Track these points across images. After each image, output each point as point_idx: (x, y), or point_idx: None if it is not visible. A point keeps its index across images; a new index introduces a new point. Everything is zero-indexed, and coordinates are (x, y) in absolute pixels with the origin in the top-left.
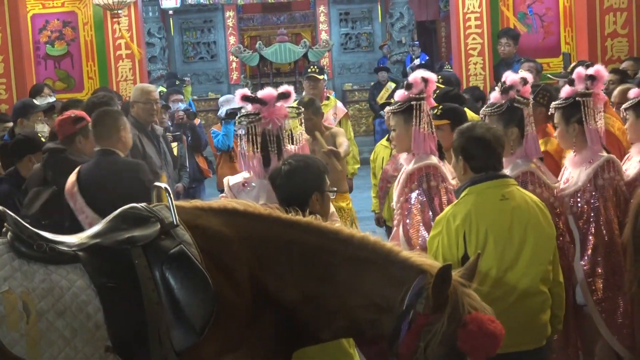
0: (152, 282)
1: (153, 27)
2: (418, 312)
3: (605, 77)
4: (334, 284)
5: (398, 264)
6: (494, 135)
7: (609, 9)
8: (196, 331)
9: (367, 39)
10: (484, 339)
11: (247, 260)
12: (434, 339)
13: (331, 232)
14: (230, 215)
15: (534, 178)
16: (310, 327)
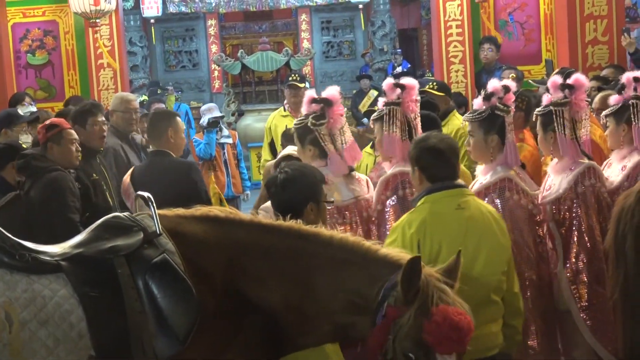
0: (135, 291)
1: (135, 35)
2: (389, 304)
3: (585, 85)
4: (315, 287)
5: (377, 262)
6: (448, 145)
7: (589, 16)
8: (179, 340)
9: (349, 47)
10: (449, 331)
11: (228, 268)
12: (401, 331)
13: (311, 235)
14: (212, 223)
15: (512, 185)
16: (294, 332)
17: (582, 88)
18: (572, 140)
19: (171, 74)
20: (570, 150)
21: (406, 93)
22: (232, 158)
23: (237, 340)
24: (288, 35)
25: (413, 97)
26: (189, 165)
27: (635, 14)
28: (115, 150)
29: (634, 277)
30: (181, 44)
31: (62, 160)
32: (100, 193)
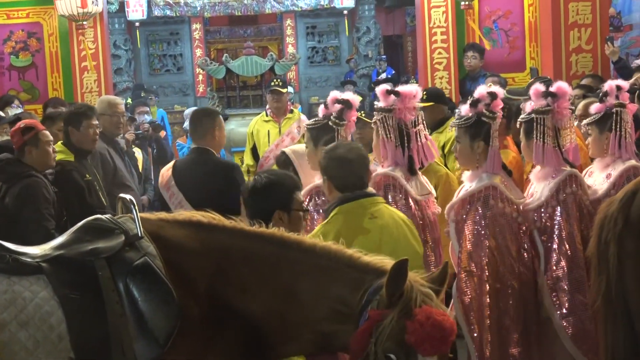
0: (115, 294)
1: (119, 39)
2: (372, 308)
3: (568, 93)
4: (298, 294)
5: (360, 269)
6: (356, 154)
7: (573, 24)
8: (160, 343)
9: (334, 52)
10: (431, 331)
11: (210, 273)
12: (383, 333)
13: (294, 243)
14: (195, 228)
15: (496, 193)
16: (276, 340)
17: (565, 96)
18: (554, 148)
19: (155, 77)
20: (552, 158)
21: (400, 100)
22: None
23: (218, 347)
24: (273, 40)
25: (408, 105)
26: (232, 165)
27: (619, 22)
28: (102, 155)
29: (616, 285)
30: (166, 48)
31: (40, 163)
32: (94, 193)
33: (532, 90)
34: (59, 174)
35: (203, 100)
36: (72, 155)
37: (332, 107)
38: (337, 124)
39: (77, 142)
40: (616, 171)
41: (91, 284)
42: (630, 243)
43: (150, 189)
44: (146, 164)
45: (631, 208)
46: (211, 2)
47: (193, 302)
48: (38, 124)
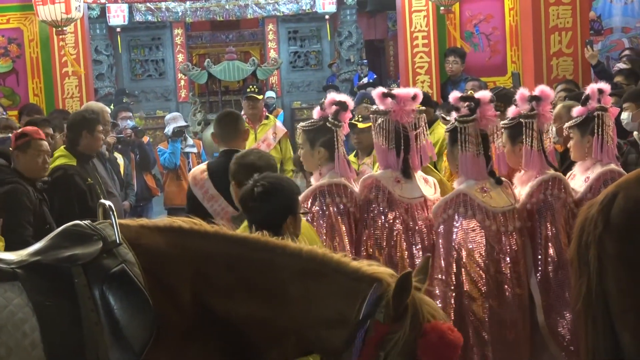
0: (91, 301)
1: (100, 44)
2: (378, 321)
3: (551, 96)
4: (284, 299)
5: (349, 275)
6: (266, 162)
7: (554, 28)
8: (135, 352)
9: (316, 57)
10: (444, 349)
11: (192, 280)
12: (395, 349)
13: (279, 247)
14: (176, 234)
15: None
16: (261, 347)
17: (548, 99)
18: (539, 151)
19: (137, 82)
20: (537, 162)
21: (396, 103)
22: None
23: (198, 355)
24: (255, 45)
25: (406, 107)
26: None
27: (600, 26)
28: None
29: (596, 287)
30: (147, 53)
31: (27, 170)
32: (95, 197)
33: (518, 94)
34: (61, 177)
35: (185, 105)
36: (74, 160)
37: (329, 109)
38: (335, 124)
39: (87, 146)
40: (594, 174)
41: (67, 291)
42: (611, 245)
43: (131, 194)
44: (127, 169)
45: (611, 211)
46: (193, 7)
47: (172, 310)
48: (35, 132)
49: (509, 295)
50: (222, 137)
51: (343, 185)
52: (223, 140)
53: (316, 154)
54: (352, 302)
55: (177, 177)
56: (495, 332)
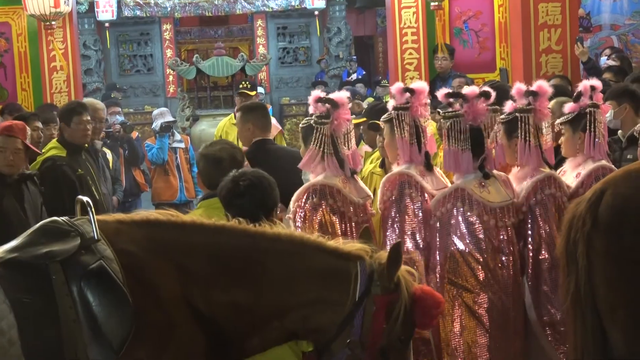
0: (69, 298)
1: (89, 39)
2: (376, 295)
3: (548, 92)
4: (266, 284)
5: (330, 254)
6: (228, 154)
7: (543, 25)
8: (114, 349)
9: (305, 53)
10: (435, 310)
11: (171, 274)
12: (398, 319)
13: (257, 233)
14: (153, 227)
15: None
16: (242, 335)
17: (545, 95)
18: (535, 147)
19: (125, 78)
20: (533, 158)
21: (415, 97)
22: (184, 163)
23: (179, 350)
24: (244, 40)
25: (422, 101)
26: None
27: (589, 23)
28: None
29: (585, 285)
30: (136, 48)
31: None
32: (86, 188)
33: (515, 89)
34: (50, 168)
35: (173, 101)
36: (64, 151)
37: (314, 107)
38: (317, 122)
39: (69, 137)
40: (586, 171)
41: (45, 288)
42: (599, 243)
43: (119, 190)
44: (116, 165)
45: (599, 207)
46: (181, 2)
47: (152, 306)
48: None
49: (506, 288)
50: (262, 127)
51: (336, 188)
52: (262, 130)
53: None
54: (337, 280)
55: (165, 172)
56: (494, 326)
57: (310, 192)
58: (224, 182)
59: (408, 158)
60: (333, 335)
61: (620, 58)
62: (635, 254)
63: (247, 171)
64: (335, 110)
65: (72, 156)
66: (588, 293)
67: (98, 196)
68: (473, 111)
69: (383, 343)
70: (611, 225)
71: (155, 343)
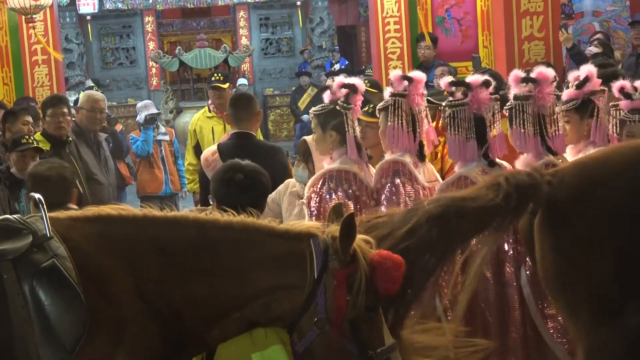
0: (21, 297)
1: (71, 32)
2: (335, 269)
3: (550, 78)
4: (221, 274)
5: (283, 236)
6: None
7: (525, 12)
8: (66, 349)
9: (288, 44)
10: (396, 271)
11: (124, 270)
12: (360, 289)
13: (209, 223)
14: (105, 223)
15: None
16: (200, 328)
17: (546, 81)
18: (534, 135)
19: (108, 71)
20: (532, 146)
21: (413, 86)
22: (169, 155)
23: (135, 347)
24: (226, 32)
25: (420, 90)
26: (277, 147)
27: (570, 10)
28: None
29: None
30: (118, 41)
31: None
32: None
33: (512, 76)
34: None
35: (157, 93)
36: (48, 145)
37: (338, 92)
38: (345, 107)
39: (49, 129)
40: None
41: None
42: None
43: None
44: None
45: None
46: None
47: (106, 303)
48: None
49: (510, 275)
50: (235, 118)
51: (353, 173)
52: (236, 121)
53: (328, 138)
54: (293, 263)
55: (150, 165)
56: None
57: (326, 177)
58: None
59: (404, 146)
60: (298, 317)
61: (603, 44)
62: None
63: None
64: (354, 95)
65: (56, 149)
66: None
67: (82, 190)
68: (477, 100)
69: (350, 316)
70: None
71: (109, 341)
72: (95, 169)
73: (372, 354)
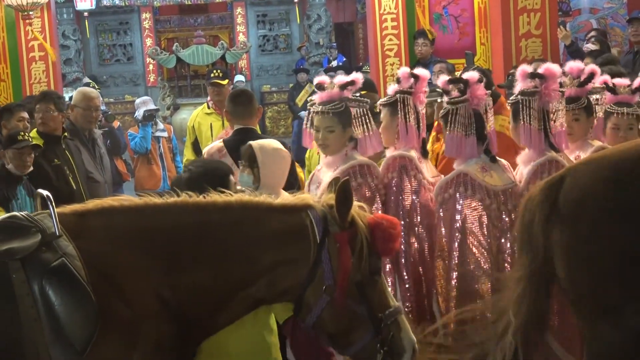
0: (30, 297)
1: (68, 29)
2: (336, 233)
3: (557, 74)
4: (226, 257)
5: (280, 211)
6: None
7: (522, 9)
8: (77, 350)
9: (285, 40)
10: (394, 230)
11: (133, 264)
12: (363, 251)
13: (209, 205)
14: (109, 215)
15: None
16: (208, 314)
17: (553, 78)
18: (539, 130)
19: (105, 67)
20: (536, 142)
21: (419, 83)
22: (167, 152)
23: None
24: (224, 28)
25: (424, 88)
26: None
27: (568, 7)
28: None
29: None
30: (115, 38)
31: None
32: (61, 177)
33: (519, 71)
34: None
35: (154, 90)
36: (41, 141)
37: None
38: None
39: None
40: (586, 153)
41: (5, 286)
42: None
43: None
44: None
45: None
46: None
47: (117, 301)
48: None
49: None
50: (236, 115)
51: (373, 166)
52: (236, 118)
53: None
54: (295, 236)
55: (148, 161)
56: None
57: (350, 174)
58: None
59: (412, 142)
60: (304, 288)
61: (600, 41)
62: (594, 244)
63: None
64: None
65: (49, 146)
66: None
67: (75, 186)
68: (475, 96)
69: (356, 279)
70: (569, 214)
71: (122, 340)
72: (90, 167)
73: (382, 316)
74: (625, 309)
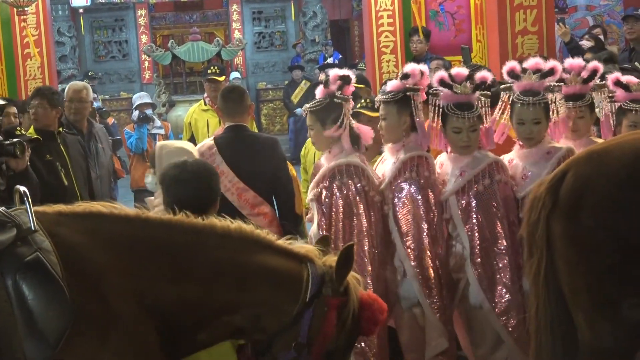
0: (4, 291)
1: (63, 25)
2: (327, 296)
3: (559, 71)
4: (216, 280)
5: (281, 253)
6: None
7: (519, 6)
8: (50, 344)
9: (281, 37)
10: (381, 316)
11: (114, 267)
12: (347, 322)
13: (207, 228)
14: (96, 220)
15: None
16: (189, 330)
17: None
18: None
19: (100, 64)
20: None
21: (423, 79)
22: None
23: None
24: (219, 25)
25: (425, 85)
26: (275, 140)
27: (564, 4)
28: None
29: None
30: (110, 34)
31: None
32: (52, 173)
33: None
34: None
35: (149, 87)
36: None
37: (334, 85)
38: (343, 99)
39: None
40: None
41: None
42: (558, 226)
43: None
44: None
45: (560, 189)
46: None
47: (93, 299)
48: None
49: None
50: (227, 112)
51: (361, 167)
52: (228, 115)
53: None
54: (289, 282)
55: (144, 159)
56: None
57: (335, 172)
58: (167, 167)
59: (429, 140)
60: (276, 336)
61: (594, 38)
62: (594, 238)
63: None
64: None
65: (43, 142)
66: (550, 275)
67: (67, 182)
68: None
69: (331, 347)
70: (570, 207)
71: (95, 337)
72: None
73: None
74: (623, 302)
